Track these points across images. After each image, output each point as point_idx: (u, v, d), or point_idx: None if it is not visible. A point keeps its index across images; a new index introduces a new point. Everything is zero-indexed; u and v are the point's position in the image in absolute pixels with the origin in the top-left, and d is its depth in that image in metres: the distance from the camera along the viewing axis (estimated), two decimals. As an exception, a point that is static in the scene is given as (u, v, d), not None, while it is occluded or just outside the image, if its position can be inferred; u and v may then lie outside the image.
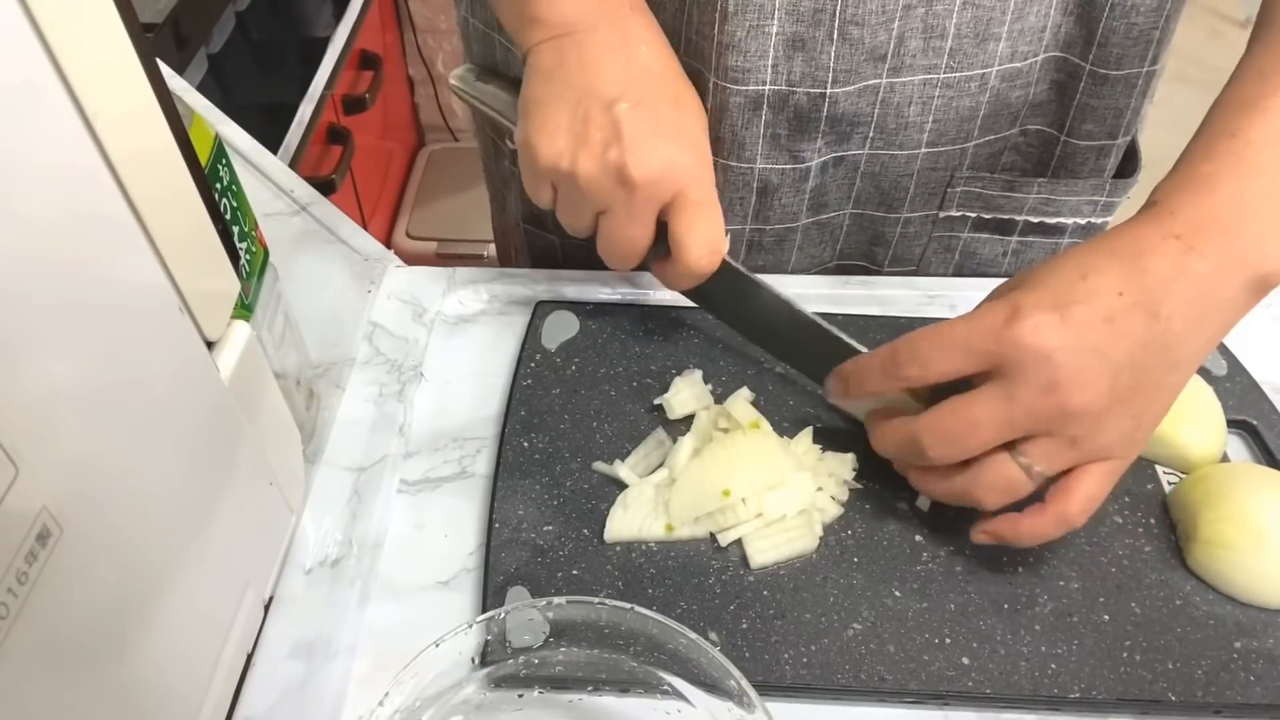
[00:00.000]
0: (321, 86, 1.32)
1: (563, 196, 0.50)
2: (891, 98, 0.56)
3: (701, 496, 0.47)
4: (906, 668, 0.42)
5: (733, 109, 0.56)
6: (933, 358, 0.42)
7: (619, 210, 0.49)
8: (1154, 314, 0.40)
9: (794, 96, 0.56)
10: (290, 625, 0.44)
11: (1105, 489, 0.42)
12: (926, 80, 0.56)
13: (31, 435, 0.26)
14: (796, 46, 0.54)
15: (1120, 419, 0.41)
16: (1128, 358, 0.40)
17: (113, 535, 0.31)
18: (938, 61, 0.55)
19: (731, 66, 0.54)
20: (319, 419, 0.53)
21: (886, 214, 0.63)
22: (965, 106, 0.57)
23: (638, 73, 0.48)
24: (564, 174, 0.48)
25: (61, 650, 0.29)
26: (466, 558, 0.47)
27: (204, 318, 0.36)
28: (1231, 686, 0.42)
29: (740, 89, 0.55)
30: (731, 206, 0.62)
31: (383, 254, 0.64)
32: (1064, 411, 0.40)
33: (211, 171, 0.39)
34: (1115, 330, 0.39)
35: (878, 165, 0.60)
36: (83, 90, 0.28)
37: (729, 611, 0.44)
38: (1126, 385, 0.40)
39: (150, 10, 1.03)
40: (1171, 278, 0.40)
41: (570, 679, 0.42)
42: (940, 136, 0.58)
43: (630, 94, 0.47)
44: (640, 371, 0.55)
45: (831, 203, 0.63)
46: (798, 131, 0.57)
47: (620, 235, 0.50)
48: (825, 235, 0.65)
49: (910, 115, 0.57)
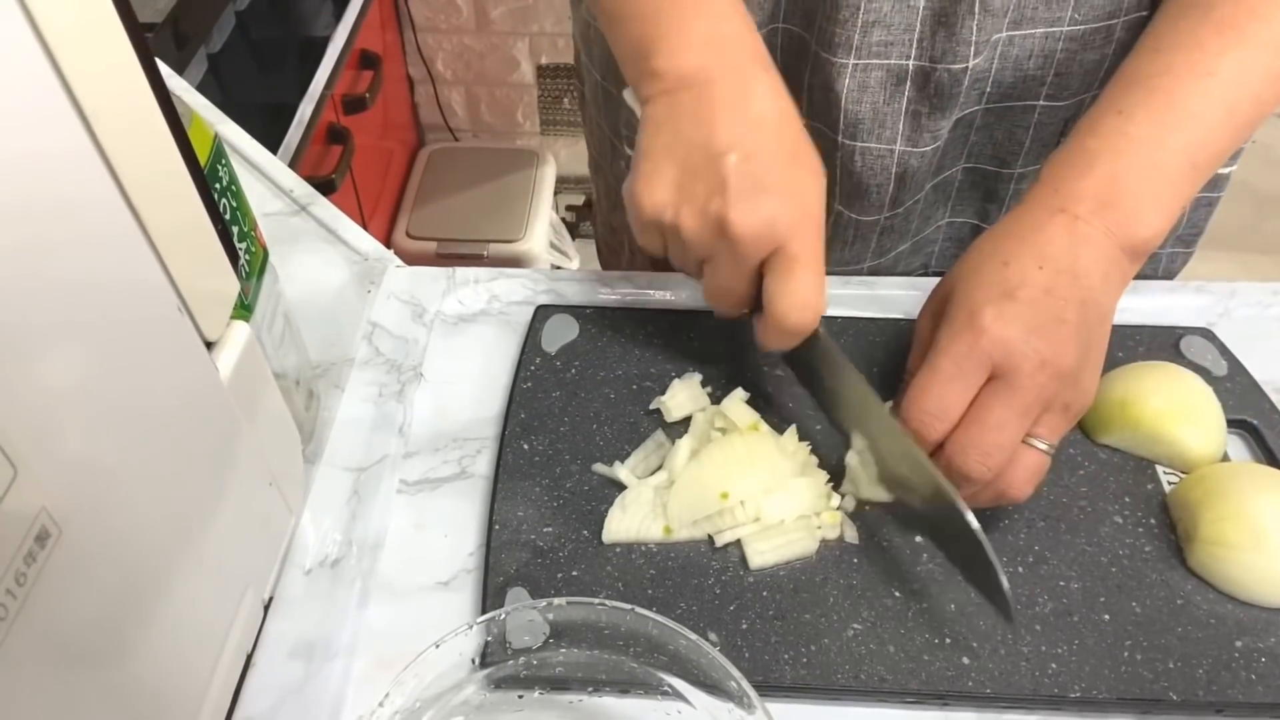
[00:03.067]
0: (321, 86, 1.32)
1: (670, 245, 0.50)
2: (1010, 51, 0.56)
3: (700, 499, 0.47)
4: (906, 668, 0.42)
5: (874, 85, 0.56)
6: (946, 401, 0.43)
7: (721, 261, 0.48)
8: (1074, 276, 0.44)
9: (935, 73, 0.55)
10: (290, 625, 0.44)
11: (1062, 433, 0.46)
12: (1049, 34, 0.55)
13: (31, 436, 0.26)
14: (940, 22, 0.54)
15: (1090, 373, 0.45)
16: (1077, 317, 0.43)
17: (112, 536, 0.31)
18: (1061, 15, 0.55)
19: (875, 42, 0.54)
20: (319, 419, 0.53)
21: (1000, 169, 0.63)
22: (1090, 60, 0.57)
23: (751, 126, 0.47)
24: (668, 225, 0.48)
25: (61, 650, 0.29)
26: (466, 558, 0.47)
27: (203, 318, 0.36)
28: (1233, 685, 0.42)
29: (883, 63, 0.55)
30: (868, 195, 0.62)
31: (383, 254, 0.64)
32: (1059, 379, 0.43)
33: (211, 171, 0.39)
34: (1056, 298, 0.43)
35: (992, 118, 0.60)
36: (82, 90, 0.28)
37: (728, 612, 0.44)
38: (1084, 342, 0.44)
39: (150, 10, 1.03)
40: (1071, 245, 0.45)
41: (570, 680, 0.42)
42: (1061, 90, 0.58)
43: (740, 147, 0.46)
44: (640, 374, 0.55)
45: (948, 162, 0.63)
46: (938, 110, 0.57)
47: (722, 285, 0.49)
48: (939, 194, 0.65)
49: (1030, 69, 0.57)
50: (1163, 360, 0.53)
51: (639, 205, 0.48)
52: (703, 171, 0.46)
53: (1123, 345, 0.55)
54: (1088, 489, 0.49)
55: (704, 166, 0.46)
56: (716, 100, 0.47)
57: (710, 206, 0.46)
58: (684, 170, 0.47)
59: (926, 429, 0.43)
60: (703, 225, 0.47)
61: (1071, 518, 0.48)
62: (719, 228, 0.46)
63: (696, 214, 0.47)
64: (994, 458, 0.43)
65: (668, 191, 0.47)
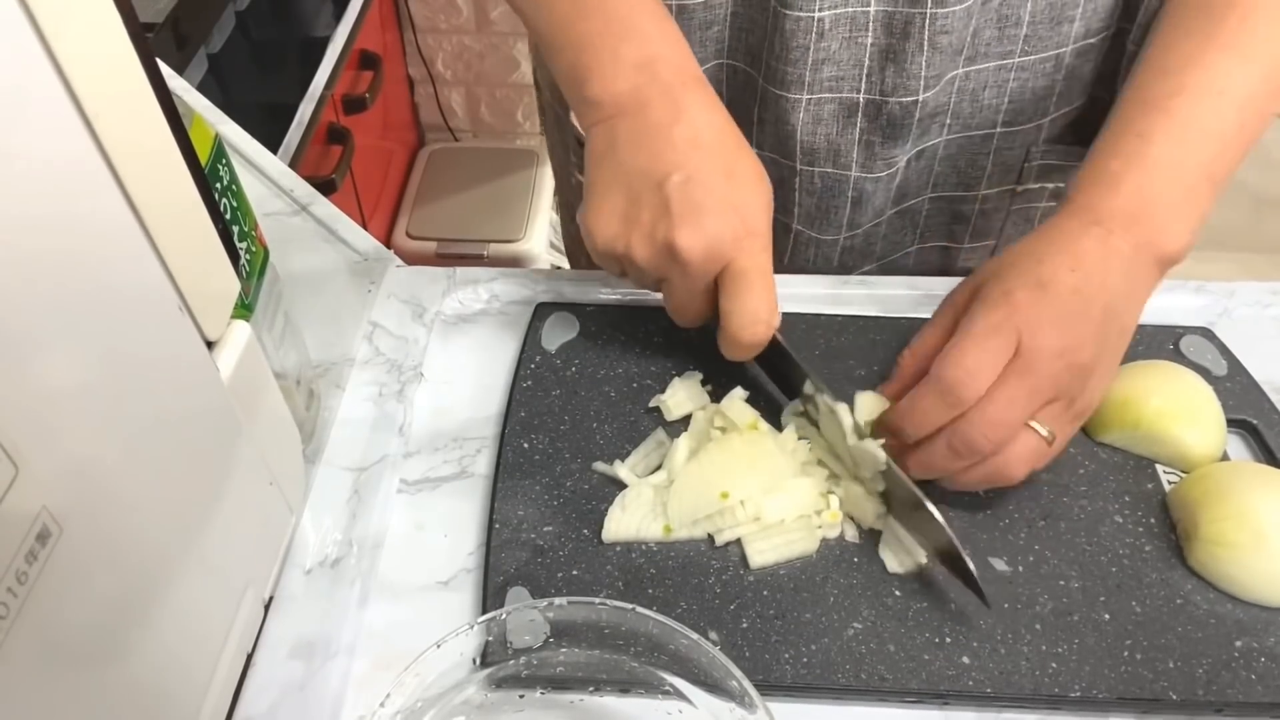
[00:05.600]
0: (321, 86, 1.32)
1: (628, 270, 0.51)
2: (967, 85, 0.58)
3: (700, 498, 0.47)
4: (907, 667, 0.42)
5: (827, 117, 0.58)
6: (980, 367, 0.44)
7: (675, 282, 0.49)
8: (1102, 285, 0.46)
9: (887, 105, 0.58)
10: (290, 625, 0.44)
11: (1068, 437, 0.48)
12: (1001, 65, 0.58)
13: (31, 435, 0.26)
14: (889, 58, 0.56)
15: (1100, 378, 0.47)
16: (1101, 320, 0.45)
17: (112, 535, 0.31)
18: (1012, 48, 0.58)
19: (826, 78, 0.57)
20: (319, 419, 0.53)
21: (964, 193, 0.66)
22: (1040, 86, 0.59)
23: (688, 147, 0.48)
24: (621, 255, 0.49)
25: (61, 650, 0.29)
26: (466, 558, 0.47)
27: (204, 318, 0.36)
28: (1233, 685, 0.42)
29: (835, 96, 0.57)
30: (827, 216, 0.64)
31: (383, 254, 0.64)
32: (1072, 371, 0.44)
33: (211, 171, 0.39)
34: (1083, 299, 0.45)
35: (954, 148, 0.62)
36: (82, 90, 0.28)
37: (729, 611, 0.44)
38: (1102, 345, 0.45)
39: (150, 10, 1.03)
40: (1103, 256, 0.46)
41: (571, 679, 0.42)
42: (1017, 115, 0.61)
43: (680, 169, 0.47)
44: (640, 373, 0.55)
45: (912, 191, 0.65)
46: (891, 139, 0.59)
47: (680, 303, 0.51)
48: (906, 222, 0.67)
49: (986, 99, 0.60)
50: (1163, 360, 0.53)
51: (592, 238, 0.50)
52: (646, 198, 0.48)
53: (1123, 345, 0.55)
54: (1088, 489, 0.49)
55: (647, 193, 0.47)
56: (651, 126, 0.48)
57: (657, 233, 0.47)
58: (629, 200, 0.48)
59: (964, 387, 0.44)
60: (653, 251, 0.48)
61: (1071, 518, 0.48)
62: (668, 252, 0.47)
63: (645, 241, 0.48)
64: (998, 432, 0.44)
65: (616, 223, 0.49)
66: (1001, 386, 0.44)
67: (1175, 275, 0.65)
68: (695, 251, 0.47)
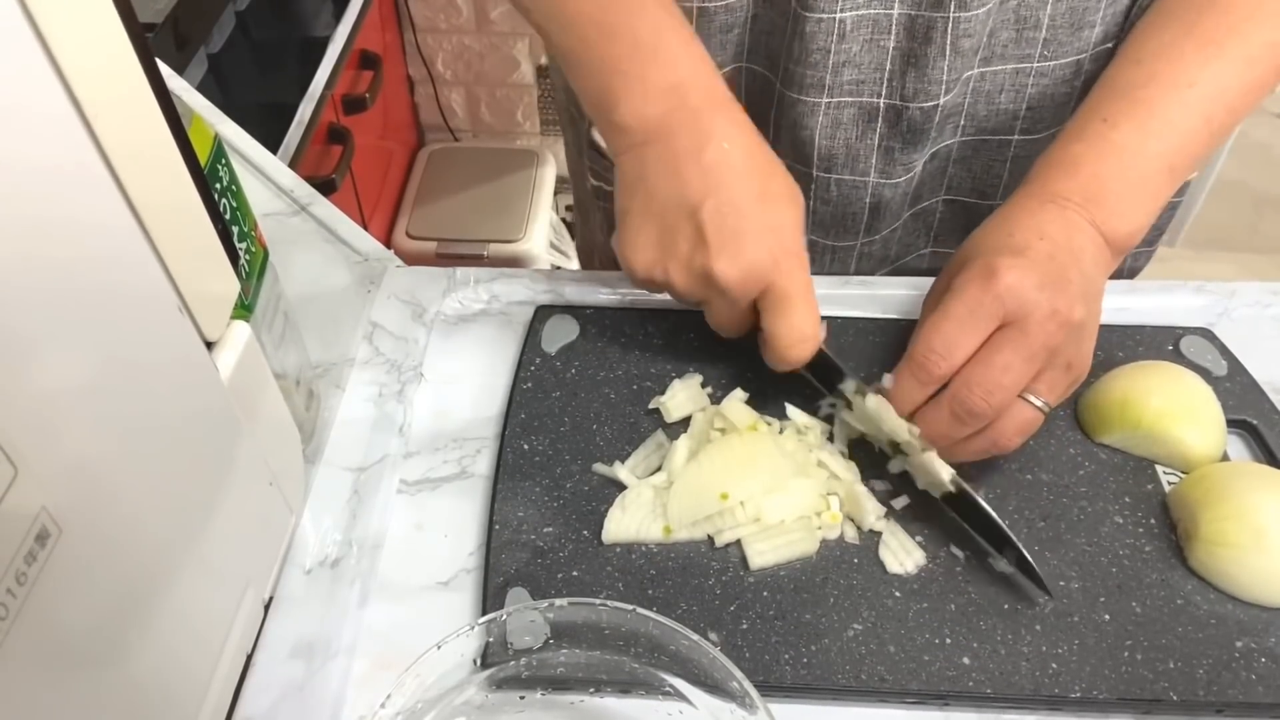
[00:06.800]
0: (321, 86, 1.32)
1: (668, 293, 0.51)
2: (982, 86, 0.58)
3: (699, 500, 0.47)
4: (907, 668, 0.42)
5: (846, 121, 0.58)
6: (955, 342, 0.44)
7: (716, 305, 0.50)
8: (1070, 250, 0.46)
9: (907, 111, 0.57)
10: (290, 625, 0.44)
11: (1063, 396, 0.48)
12: (1019, 69, 0.58)
13: (31, 435, 0.26)
14: (910, 62, 0.56)
15: (1089, 340, 0.47)
16: (1080, 281, 0.46)
17: (112, 535, 0.31)
18: (1030, 51, 0.57)
19: (846, 81, 0.56)
20: (319, 419, 0.53)
21: (980, 201, 0.65)
22: (1060, 93, 0.59)
23: (719, 172, 0.48)
24: (660, 283, 0.50)
25: (61, 650, 0.29)
26: (466, 558, 0.47)
27: (204, 318, 0.36)
28: (1233, 685, 0.42)
29: (854, 100, 0.57)
30: (844, 224, 0.63)
31: (383, 254, 0.64)
32: (1065, 330, 0.45)
33: (211, 171, 0.39)
34: (1059, 263, 0.45)
35: (969, 150, 0.62)
36: (82, 90, 0.28)
37: (729, 612, 0.44)
38: (1086, 307, 0.46)
39: (150, 10, 1.03)
40: (1064, 227, 0.47)
41: (572, 680, 0.42)
42: (1036, 123, 0.60)
43: (713, 195, 0.47)
44: (640, 375, 0.55)
45: (926, 193, 0.65)
46: (910, 144, 0.59)
47: (721, 322, 0.52)
48: (920, 224, 0.67)
49: (1002, 102, 0.59)
50: (1163, 360, 0.53)
51: (630, 268, 0.50)
52: (681, 227, 0.48)
53: (1123, 345, 0.55)
54: (1088, 489, 0.49)
55: (681, 222, 0.48)
56: (681, 152, 0.48)
57: (694, 262, 0.48)
58: (663, 229, 0.48)
59: (931, 364, 0.45)
60: (691, 279, 0.49)
61: (1071, 518, 0.48)
62: (706, 280, 0.48)
63: (683, 269, 0.48)
64: (996, 396, 0.44)
65: (652, 251, 0.49)
66: (996, 353, 0.44)
67: (1175, 275, 0.65)
68: (733, 278, 0.47)
